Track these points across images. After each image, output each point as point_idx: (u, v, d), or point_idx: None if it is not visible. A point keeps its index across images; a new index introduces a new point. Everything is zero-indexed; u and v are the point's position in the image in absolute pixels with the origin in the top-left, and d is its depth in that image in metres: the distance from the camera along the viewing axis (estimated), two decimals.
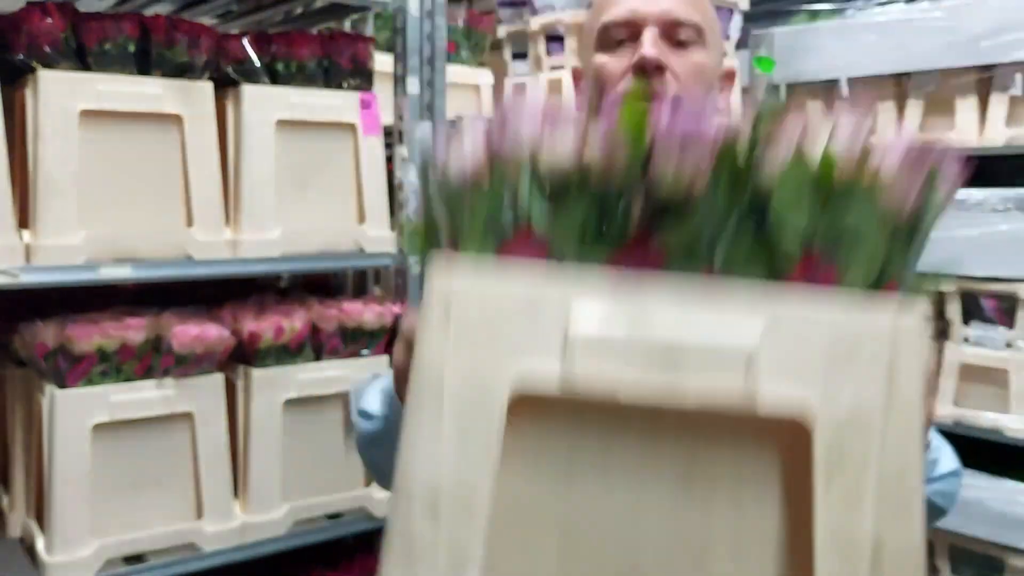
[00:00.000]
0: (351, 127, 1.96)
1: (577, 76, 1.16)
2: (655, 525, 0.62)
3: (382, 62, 2.16)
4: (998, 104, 2.69)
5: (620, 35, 1.06)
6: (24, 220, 1.64)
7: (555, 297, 0.61)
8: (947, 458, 1.05)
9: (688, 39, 1.05)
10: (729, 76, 1.14)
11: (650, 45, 1.02)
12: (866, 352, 0.59)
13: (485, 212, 0.66)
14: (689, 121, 0.63)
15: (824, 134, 0.64)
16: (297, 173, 1.91)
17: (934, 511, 1.01)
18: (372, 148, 1.99)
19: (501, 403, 0.60)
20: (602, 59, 1.07)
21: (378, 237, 2.00)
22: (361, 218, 1.99)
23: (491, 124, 0.69)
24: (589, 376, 0.60)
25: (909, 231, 0.66)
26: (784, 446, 0.61)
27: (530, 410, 0.61)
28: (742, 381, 0.59)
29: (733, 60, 2.84)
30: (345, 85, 1.98)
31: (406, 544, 0.60)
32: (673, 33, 1.04)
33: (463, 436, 0.60)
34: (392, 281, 2.10)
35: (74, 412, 1.64)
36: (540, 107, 0.67)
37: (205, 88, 1.78)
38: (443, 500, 0.59)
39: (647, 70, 1.02)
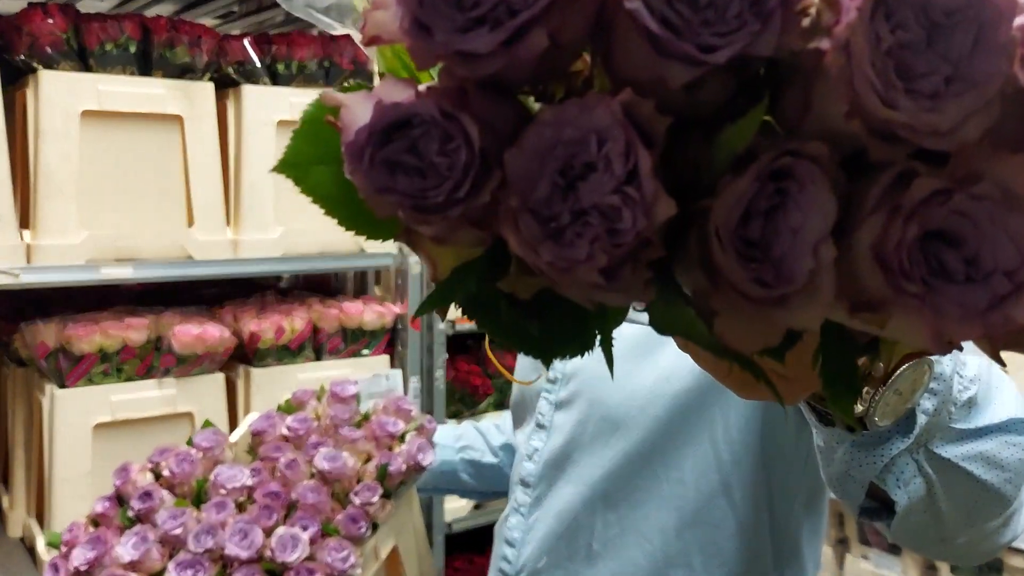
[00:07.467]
0: None
1: None
2: None
3: None
4: None
5: None
6: (25, 220, 1.64)
7: None
8: (1000, 400, 0.62)
9: None
10: None
11: None
12: None
13: None
14: None
15: None
16: None
17: (981, 489, 0.61)
18: None
19: None
20: None
21: None
22: None
23: None
24: None
25: None
26: None
27: None
28: None
29: None
30: (345, 86, 1.98)
31: None
32: None
33: None
34: (392, 281, 2.10)
35: (75, 412, 1.64)
36: None
37: (206, 88, 1.78)
38: None
39: None
